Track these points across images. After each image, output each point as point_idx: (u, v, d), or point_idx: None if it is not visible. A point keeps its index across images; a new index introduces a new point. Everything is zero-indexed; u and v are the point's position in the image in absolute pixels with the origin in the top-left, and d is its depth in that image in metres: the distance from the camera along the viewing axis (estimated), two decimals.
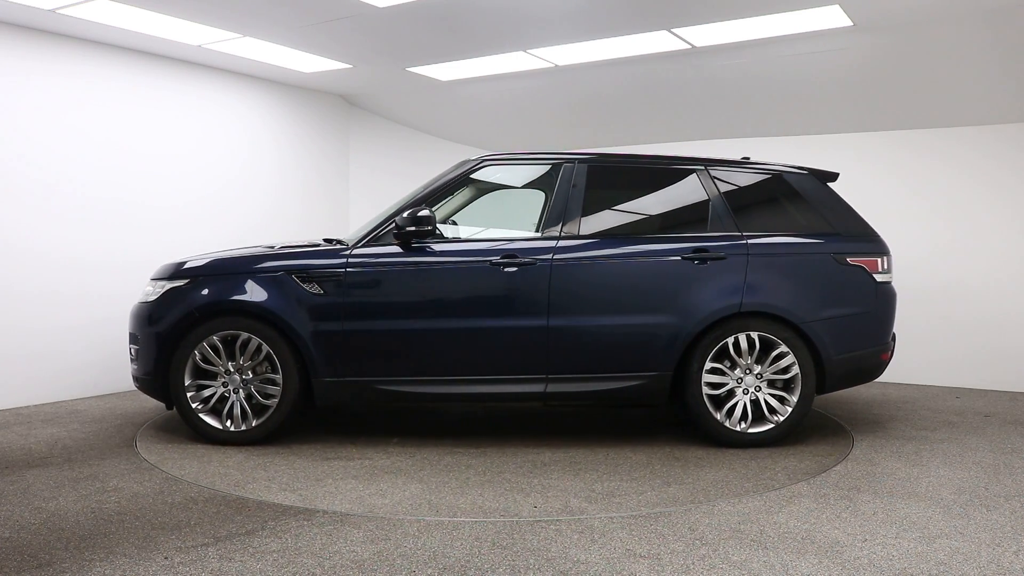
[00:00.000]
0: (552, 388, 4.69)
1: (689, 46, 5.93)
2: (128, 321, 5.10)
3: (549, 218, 4.83)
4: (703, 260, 4.72)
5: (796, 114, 7.14)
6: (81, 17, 5.49)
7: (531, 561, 3.00)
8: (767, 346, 4.70)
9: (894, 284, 5.06)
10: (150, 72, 6.51)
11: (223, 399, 4.73)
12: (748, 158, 5.14)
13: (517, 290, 4.69)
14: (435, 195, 4.89)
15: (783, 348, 4.68)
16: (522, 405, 5.87)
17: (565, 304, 4.67)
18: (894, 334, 5.02)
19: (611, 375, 4.71)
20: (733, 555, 3.06)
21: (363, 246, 4.78)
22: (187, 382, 4.70)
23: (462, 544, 3.17)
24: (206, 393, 4.73)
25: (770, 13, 5.19)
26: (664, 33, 5.66)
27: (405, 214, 4.66)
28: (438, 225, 4.90)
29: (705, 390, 4.68)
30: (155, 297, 4.84)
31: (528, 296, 4.67)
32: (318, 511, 3.55)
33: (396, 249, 4.74)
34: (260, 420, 4.70)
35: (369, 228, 4.88)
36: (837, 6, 5.01)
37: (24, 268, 5.77)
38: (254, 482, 4.02)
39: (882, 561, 3.00)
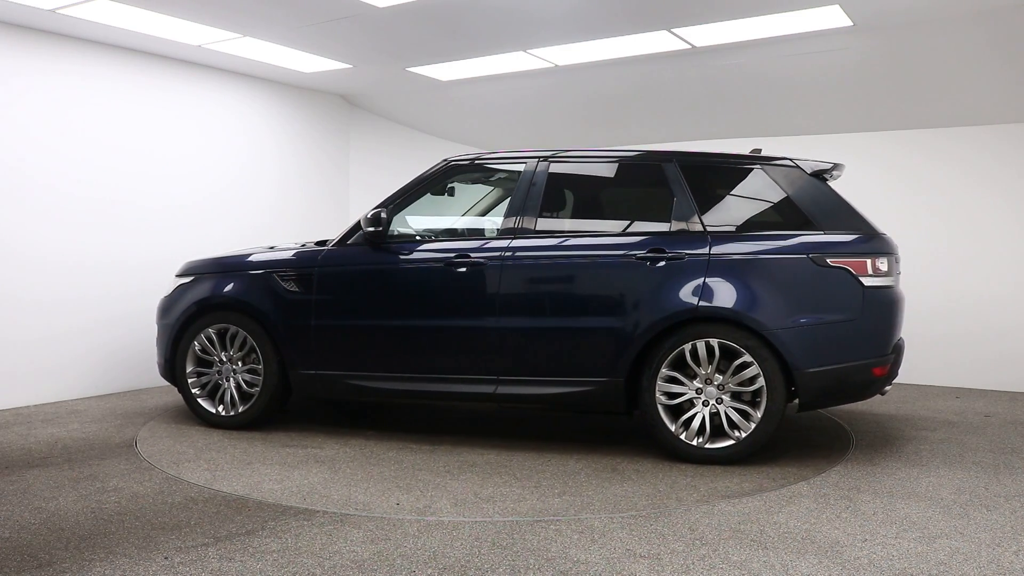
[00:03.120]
0: (502, 390, 4.61)
1: (689, 46, 5.93)
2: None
3: (507, 218, 4.77)
4: (658, 260, 4.41)
5: (796, 114, 7.14)
6: (81, 17, 5.49)
7: (531, 561, 3.00)
8: (732, 355, 4.29)
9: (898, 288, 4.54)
10: (150, 72, 6.51)
11: (218, 386, 5.15)
12: (759, 150, 4.80)
13: (468, 290, 4.68)
14: (402, 196, 4.99)
15: (747, 358, 4.24)
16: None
17: (514, 305, 4.60)
18: (899, 345, 4.49)
19: (561, 379, 4.52)
20: (733, 555, 3.06)
21: (334, 246, 5.03)
22: (189, 369, 5.18)
23: (462, 544, 3.17)
24: (203, 380, 5.18)
25: (770, 13, 5.19)
26: (664, 33, 5.66)
27: (368, 215, 4.83)
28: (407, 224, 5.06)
29: (661, 399, 4.36)
30: (169, 292, 5.37)
31: (478, 296, 4.65)
32: (318, 511, 3.55)
33: (365, 249, 4.92)
34: (246, 407, 5.06)
35: (345, 230, 5.09)
36: (837, 6, 5.01)
37: (24, 269, 5.76)
38: (191, 461, 4.37)
39: (882, 561, 3.00)
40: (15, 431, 5.04)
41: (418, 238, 5.05)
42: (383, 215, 4.81)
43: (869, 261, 4.30)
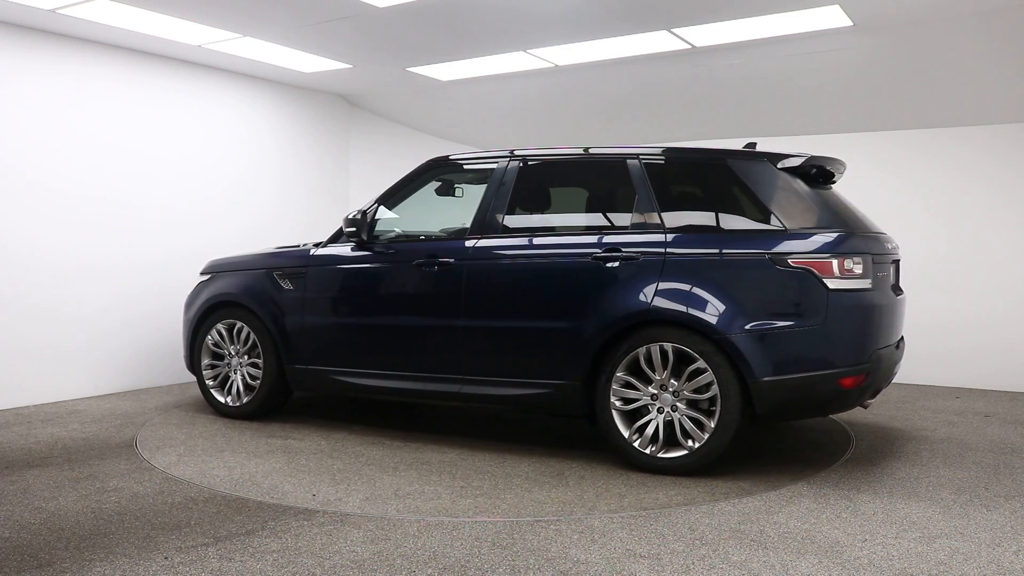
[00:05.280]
0: (467, 389, 4.62)
1: (689, 46, 5.93)
2: None
3: (476, 218, 4.77)
4: (614, 260, 4.25)
5: (796, 114, 7.14)
6: (81, 17, 5.49)
7: (531, 561, 3.00)
8: (689, 361, 4.07)
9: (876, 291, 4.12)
10: (150, 72, 6.51)
11: (228, 377, 5.49)
12: (755, 144, 4.59)
13: (436, 290, 4.73)
14: (389, 196, 5.13)
15: (700, 364, 4.01)
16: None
17: (476, 305, 4.59)
18: (880, 354, 4.10)
19: (520, 380, 4.46)
20: (733, 555, 3.06)
21: (325, 246, 5.22)
22: (204, 362, 5.53)
23: (462, 544, 3.17)
24: (215, 372, 5.53)
25: (770, 13, 5.19)
26: (664, 33, 5.66)
27: (348, 216, 4.99)
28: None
29: (615, 404, 4.19)
30: (192, 289, 5.74)
31: (445, 296, 4.69)
32: (318, 511, 3.55)
33: (351, 249, 5.07)
34: (249, 398, 5.36)
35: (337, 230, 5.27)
36: (837, 6, 5.01)
37: (23, 269, 5.76)
38: (171, 446, 4.55)
39: (882, 561, 3.00)
40: (15, 431, 5.04)
41: (400, 238, 5.09)
42: (359, 216, 4.95)
43: (836, 262, 3.93)
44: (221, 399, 5.47)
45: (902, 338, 4.69)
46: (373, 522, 3.42)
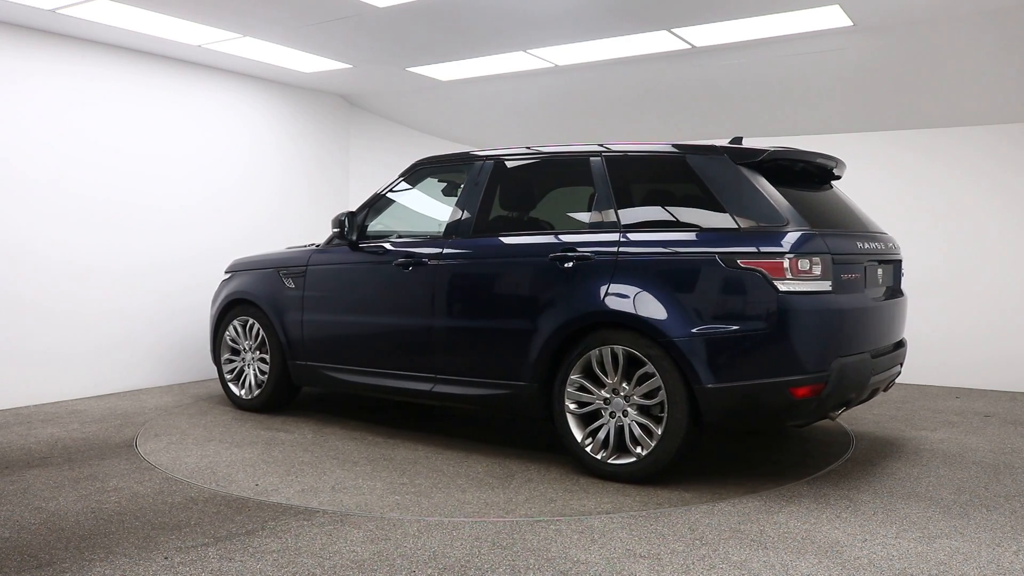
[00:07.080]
0: (439, 388, 4.66)
1: (689, 46, 5.93)
2: None
3: (451, 219, 4.81)
4: (569, 260, 4.19)
5: (796, 114, 7.14)
6: (81, 17, 5.49)
7: (531, 561, 3.00)
8: (639, 365, 3.97)
9: (839, 295, 3.84)
10: (150, 72, 6.50)
11: (242, 371, 5.74)
12: (740, 139, 4.39)
13: (411, 290, 4.80)
14: (379, 197, 5.26)
15: (648, 368, 3.89)
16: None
17: (446, 305, 4.65)
18: (844, 363, 3.80)
19: (484, 380, 4.46)
20: (733, 555, 3.06)
21: (323, 247, 5.39)
22: (224, 356, 5.81)
23: (462, 544, 3.17)
24: (232, 366, 5.79)
25: (770, 13, 5.19)
26: (664, 33, 5.66)
27: (336, 217, 5.17)
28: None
29: (569, 407, 4.13)
30: (217, 287, 6.00)
31: (418, 296, 4.75)
32: (318, 511, 3.55)
33: (344, 250, 5.21)
34: (259, 391, 5.61)
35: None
36: (837, 6, 5.01)
37: (24, 268, 5.76)
38: (166, 435, 4.47)
39: (882, 561, 3.00)
40: (15, 431, 5.04)
41: (387, 238, 5.12)
42: (344, 218, 5.13)
43: (788, 262, 3.68)
44: (236, 392, 5.73)
45: (901, 342, 4.60)
46: (373, 522, 3.42)
